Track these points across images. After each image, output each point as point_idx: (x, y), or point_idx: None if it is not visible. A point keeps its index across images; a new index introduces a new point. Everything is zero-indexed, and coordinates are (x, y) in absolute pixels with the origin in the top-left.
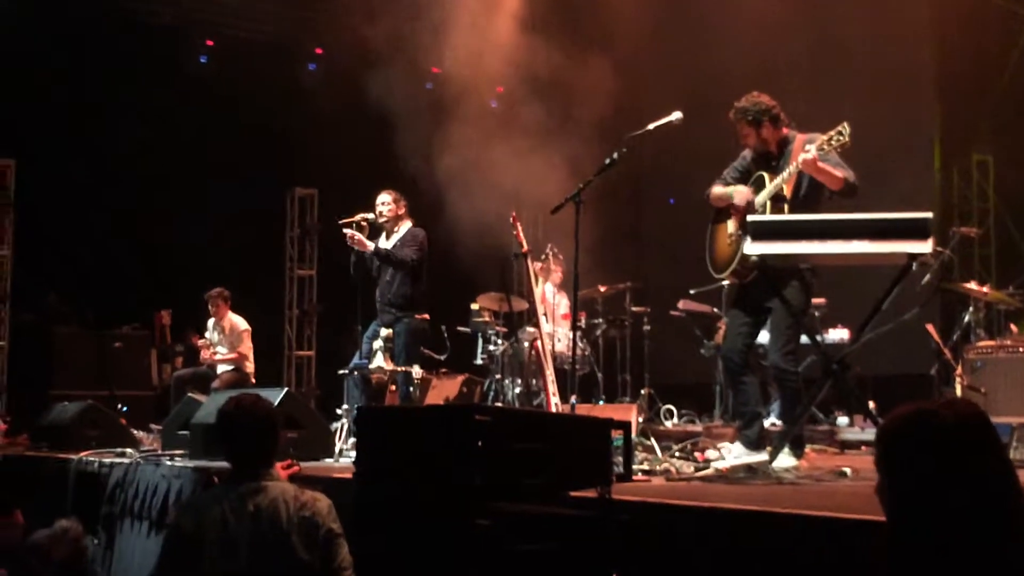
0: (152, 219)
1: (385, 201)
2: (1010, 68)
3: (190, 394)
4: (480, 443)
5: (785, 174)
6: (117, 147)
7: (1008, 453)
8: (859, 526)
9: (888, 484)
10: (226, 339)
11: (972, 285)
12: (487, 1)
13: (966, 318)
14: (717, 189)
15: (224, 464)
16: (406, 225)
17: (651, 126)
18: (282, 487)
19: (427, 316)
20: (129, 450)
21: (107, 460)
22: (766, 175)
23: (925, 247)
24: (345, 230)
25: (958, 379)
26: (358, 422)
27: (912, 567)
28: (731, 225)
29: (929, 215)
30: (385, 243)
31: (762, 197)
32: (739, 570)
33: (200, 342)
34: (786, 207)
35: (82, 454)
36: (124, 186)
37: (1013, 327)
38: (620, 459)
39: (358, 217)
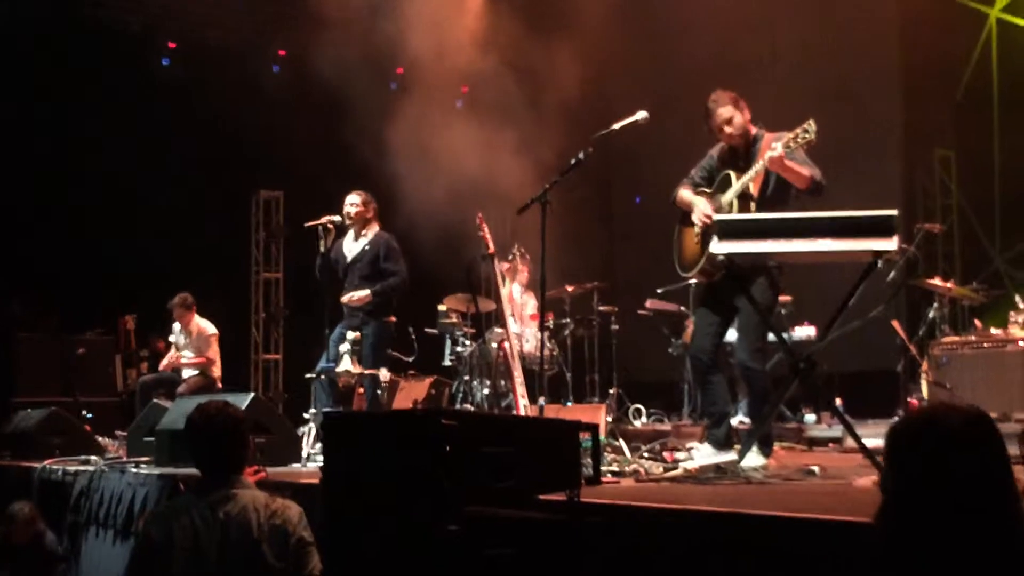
0: (116, 223)
1: (354, 202)
2: (972, 64)
3: (155, 400)
4: (448, 448)
5: (752, 172)
6: (79, 150)
7: (1007, 459)
8: (829, 526)
9: (892, 481)
10: (192, 343)
11: (937, 281)
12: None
13: (931, 314)
14: (684, 193)
15: (191, 471)
16: (374, 229)
17: (616, 126)
18: (252, 495)
19: (394, 318)
20: (94, 457)
21: (71, 468)
22: (732, 173)
23: (891, 244)
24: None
25: (924, 375)
26: (325, 428)
27: (909, 565)
28: (697, 226)
29: (894, 213)
30: (352, 244)
31: (729, 195)
32: (710, 572)
33: (168, 357)
34: (753, 205)
35: (46, 462)
36: (87, 190)
37: (978, 322)
38: (589, 461)
39: (324, 220)
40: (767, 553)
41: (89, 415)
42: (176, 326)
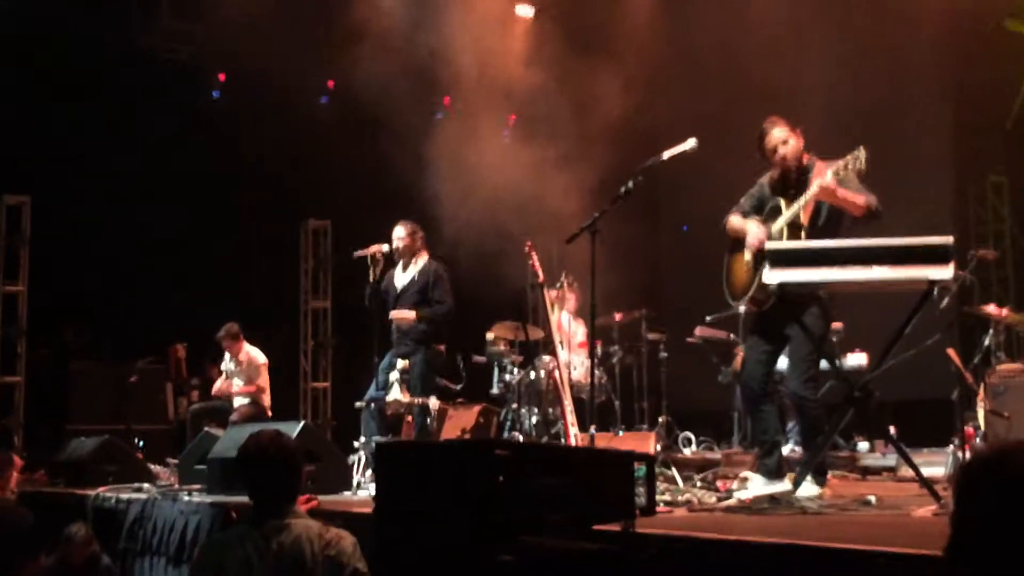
0: (166, 253)
1: (400, 235)
2: (1023, 90)
3: (207, 428)
4: (501, 478)
5: (802, 201)
6: (131, 182)
7: None
8: (889, 557)
9: (963, 517)
10: (243, 372)
11: (991, 308)
12: (497, 29)
13: (986, 341)
14: (734, 220)
15: (243, 499)
16: (423, 259)
17: (665, 155)
18: (306, 524)
19: (443, 347)
20: (146, 485)
21: (124, 496)
22: (783, 202)
23: (947, 272)
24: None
25: (980, 404)
26: (377, 457)
27: None
28: (747, 253)
29: (950, 240)
30: (402, 275)
31: (779, 224)
32: None
33: (219, 384)
34: (803, 235)
35: (99, 490)
36: (138, 221)
37: None
38: (642, 491)
39: (373, 249)
40: None
41: (141, 443)
42: (227, 355)
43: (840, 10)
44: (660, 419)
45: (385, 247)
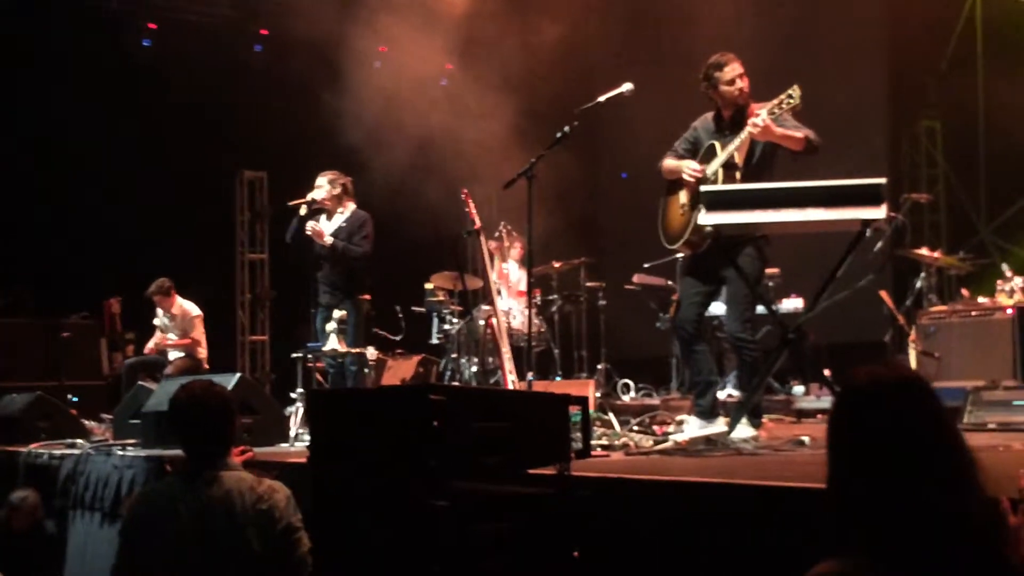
0: (98, 206)
1: (320, 184)
2: (957, 34)
3: (141, 382)
4: (435, 423)
5: (737, 141)
6: (61, 134)
7: (945, 415)
8: (820, 495)
9: (829, 448)
10: (177, 325)
11: (923, 251)
12: None
13: (918, 284)
14: (669, 162)
15: (177, 452)
16: (350, 207)
17: (601, 98)
18: (239, 476)
19: (368, 297)
20: (80, 441)
21: (57, 452)
22: (717, 144)
23: (879, 213)
24: (308, 223)
25: (912, 345)
26: (310, 406)
27: (855, 531)
28: (683, 196)
29: (882, 181)
30: (327, 224)
31: (714, 166)
32: (701, 543)
33: (154, 340)
34: (738, 175)
35: (32, 446)
36: (69, 173)
37: (965, 291)
38: (578, 435)
39: (308, 198)
40: (758, 523)
41: (75, 399)
42: (159, 311)
43: None
44: (599, 366)
45: (315, 194)
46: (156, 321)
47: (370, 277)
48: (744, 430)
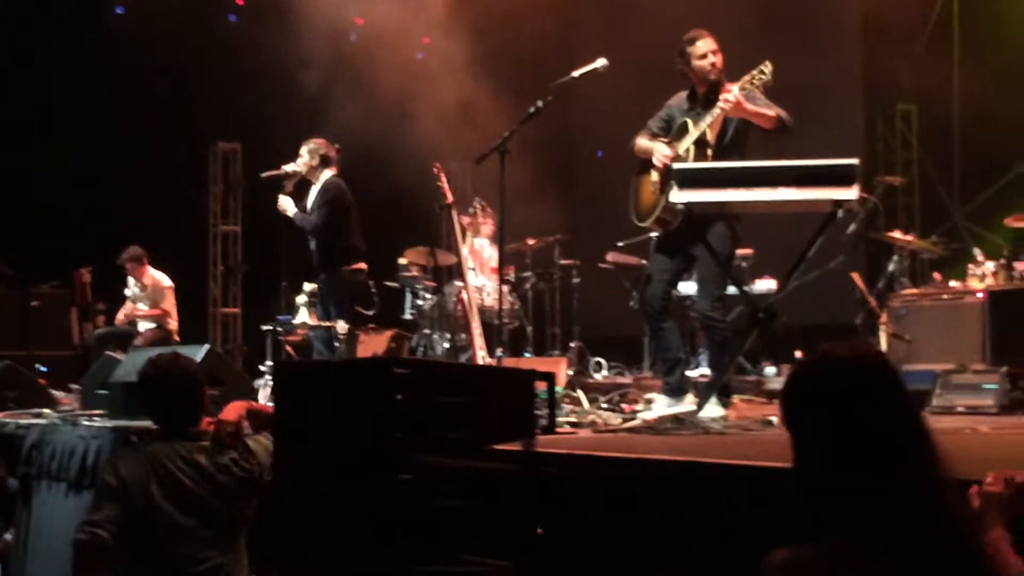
0: (70, 174)
1: (301, 153)
2: (934, 17)
3: (108, 352)
4: (399, 396)
5: (709, 118)
6: (32, 102)
7: (904, 394)
8: (786, 474)
9: (789, 431)
10: (148, 296)
11: (896, 234)
12: None
13: (890, 267)
14: (641, 141)
15: (144, 423)
16: (324, 175)
17: (575, 73)
18: (215, 437)
19: (360, 266)
20: (46, 411)
21: (23, 421)
22: (690, 121)
23: (851, 193)
24: (280, 197)
25: (883, 327)
26: (275, 378)
27: (819, 511)
28: (655, 175)
29: (855, 161)
30: (310, 196)
31: (686, 143)
32: (666, 521)
33: (123, 310)
34: (710, 152)
35: None
36: (41, 141)
37: (937, 275)
38: (545, 411)
39: (282, 170)
40: (723, 502)
41: (44, 368)
42: (131, 280)
43: None
44: (572, 344)
45: (292, 166)
46: (127, 291)
47: (344, 248)
48: (713, 409)
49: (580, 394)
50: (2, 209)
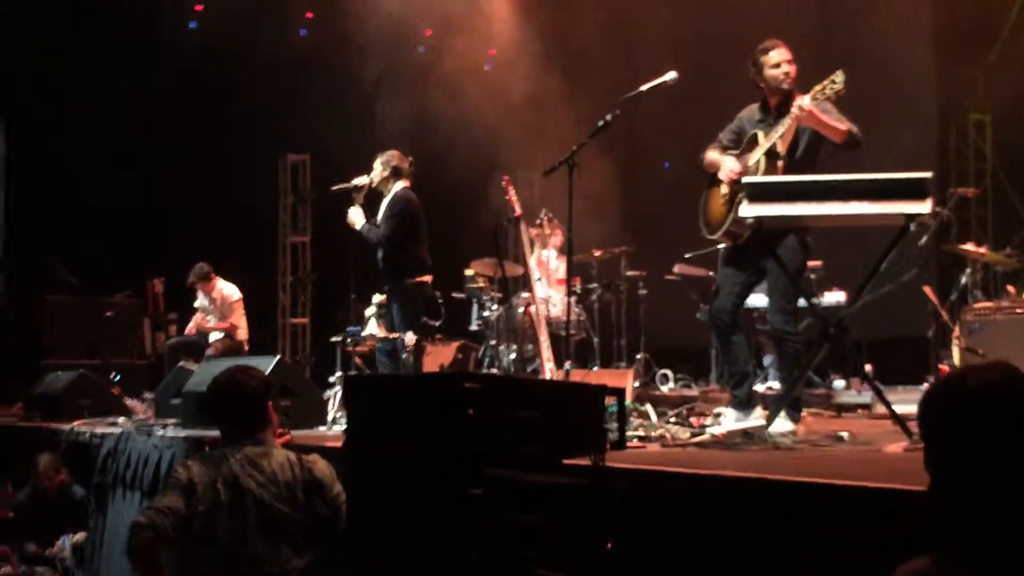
0: (144, 187)
1: (374, 166)
2: (1008, 27)
3: (182, 363)
4: (471, 411)
5: (781, 129)
6: (107, 113)
7: None
8: (857, 492)
9: (926, 451)
10: (217, 309)
11: (969, 246)
12: None
13: (963, 280)
14: (711, 154)
15: (217, 433)
16: (396, 187)
17: (644, 87)
18: (285, 452)
19: (427, 279)
20: (121, 419)
21: (99, 430)
22: (760, 133)
23: (924, 207)
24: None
25: (955, 341)
26: (348, 391)
27: (951, 534)
28: (724, 187)
29: (928, 175)
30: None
31: (756, 155)
32: (736, 538)
33: (194, 320)
34: (781, 164)
35: (75, 423)
36: (114, 154)
37: (1010, 288)
38: (615, 425)
39: (352, 183)
40: (793, 519)
41: (118, 377)
42: (200, 294)
43: None
44: (638, 356)
45: (364, 179)
46: (197, 303)
47: (410, 260)
48: (783, 424)
49: (649, 408)
50: (77, 220)
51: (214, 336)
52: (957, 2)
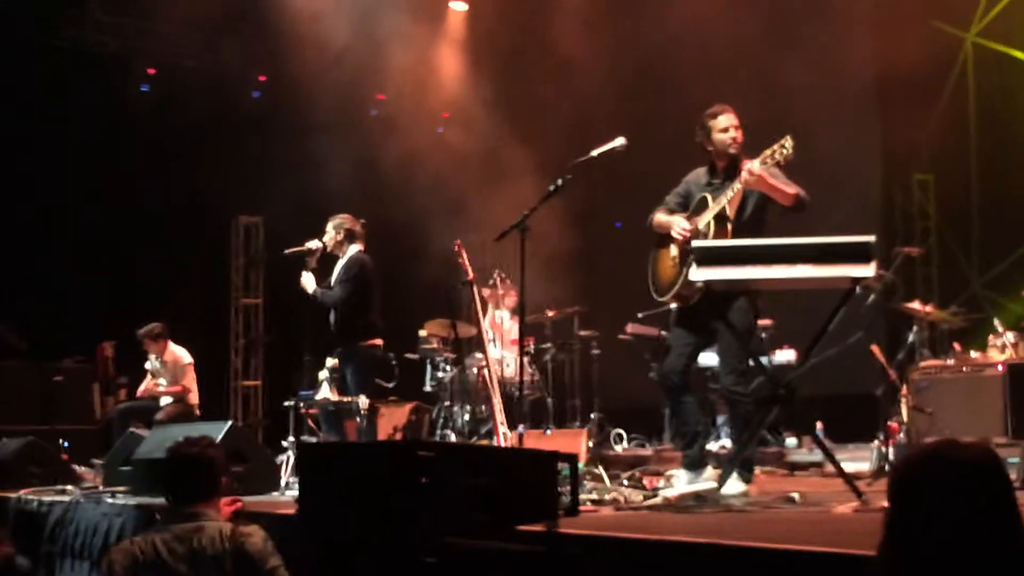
0: (94, 249)
1: (327, 230)
2: (949, 87)
3: (132, 428)
4: (424, 479)
5: (730, 193)
6: (57, 176)
7: (1014, 494)
8: (805, 557)
9: (897, 515)
10: (168, 371)
11: (915, 305)
12: (428, 27)
13: (910, 338)
14: (660, 216)
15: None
16: (350, 251)
17: (594, 152)
18: (219, 526)
19: (378, 342)
20: (70, 487)
21: (47, 498)
22: (709, 196)
23: (868, 271)
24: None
25: (904, 400)
26: (300, 459)
27: None
28: (673, 249)
29: (871, 239)
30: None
31: (706, 218)
32: None
33: (145, 384)
34: (730, 227)
35: (22, 492)
36: (64, 216)
37: (957, 346)
38: (568, 489)
39: (306, 246)
40: None
41: (67, 444)
42: (151, 355)
43: (767, 4)
44: (592, 416)
45: (316, 243)
46: (147, 365)
47: (365, 323)
48: (735, 485)
49: (601, 471)
50: (24, 285)
51: (165, 400)
52: (900, 65)
